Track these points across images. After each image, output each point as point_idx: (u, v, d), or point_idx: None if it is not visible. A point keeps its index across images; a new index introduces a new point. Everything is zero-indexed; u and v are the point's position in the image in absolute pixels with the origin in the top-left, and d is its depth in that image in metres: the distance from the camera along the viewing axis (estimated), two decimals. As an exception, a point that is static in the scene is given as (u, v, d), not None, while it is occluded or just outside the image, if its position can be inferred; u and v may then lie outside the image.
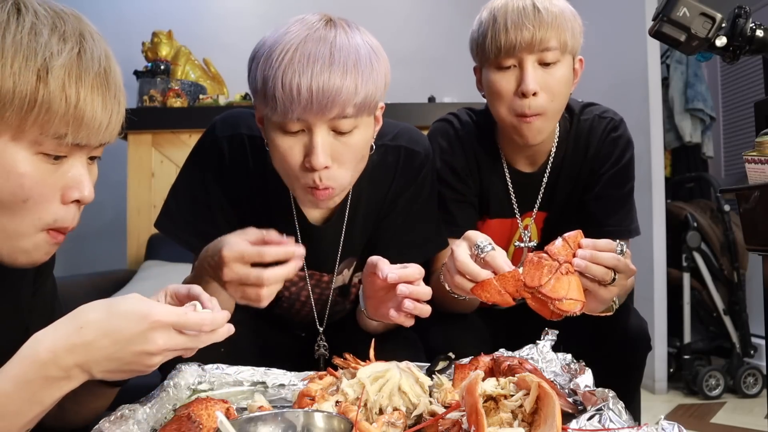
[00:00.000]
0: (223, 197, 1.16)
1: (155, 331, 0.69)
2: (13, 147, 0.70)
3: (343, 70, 0.94)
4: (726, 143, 3.88)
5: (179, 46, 3.07)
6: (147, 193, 2.81)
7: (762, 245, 1.05)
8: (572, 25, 1.20)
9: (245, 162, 1.16)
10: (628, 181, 1.34)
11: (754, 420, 2.53)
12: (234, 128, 1.17)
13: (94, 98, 0.71)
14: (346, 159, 1.01)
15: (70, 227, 0.77)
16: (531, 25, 1.16)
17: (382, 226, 1.24)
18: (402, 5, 3.77)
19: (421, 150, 1.25)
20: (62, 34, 0.70)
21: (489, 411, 0.71)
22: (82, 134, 0.72)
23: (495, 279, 0.91)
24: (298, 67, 0.93)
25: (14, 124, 0.68)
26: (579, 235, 0.95)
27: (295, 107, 0.94)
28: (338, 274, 1.27)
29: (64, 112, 0.69)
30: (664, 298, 2.92)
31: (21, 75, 0.67)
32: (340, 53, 0.95)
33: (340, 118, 0.97)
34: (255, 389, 0.98)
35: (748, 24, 1.00)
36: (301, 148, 1.00)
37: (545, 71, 1.20)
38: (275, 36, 0.99)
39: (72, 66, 0.70)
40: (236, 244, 0.93)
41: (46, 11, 0.71)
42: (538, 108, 1.19)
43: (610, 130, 1.34)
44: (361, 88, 0.96)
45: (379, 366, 0.89)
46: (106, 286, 2.32)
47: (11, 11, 0.69)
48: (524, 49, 1.18)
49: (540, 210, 1.38)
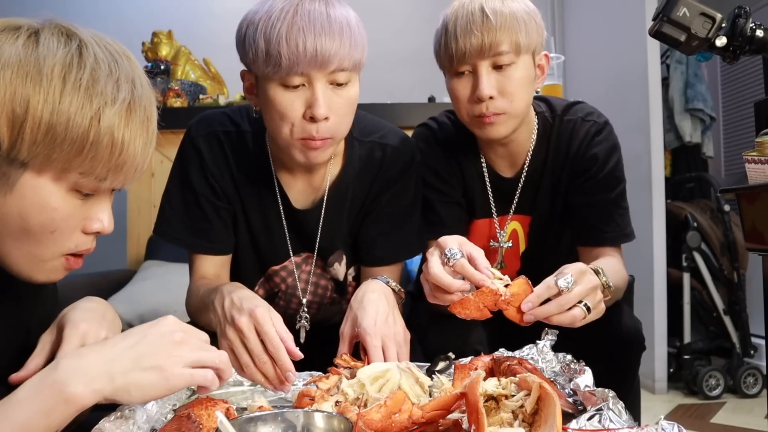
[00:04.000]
0: (209, 191, 1.23)
1: (178, 323, 0.74)
2: (52, 185, 0.72)
3: (339, 31, 1.04)
4: (726, 143, 3.89)
5: (179, 46, 3.07)
6: (147, 193, 2.81)
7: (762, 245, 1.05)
8: (526, 25, 1.19)
9: (224, 156, 1.23)
10: (617, 184, 1.31)
11: (754, 420, 2.53)
12: (208, 126, 1.25)
13: (136, 144, 0.74)
14: (342, 111, 1.10)
15: (89, 251, 0.80)
16: (479, 31, 1.16)
17: (367, 223, 1.29)
18: (402, 5, 3.77)
19: (407, 150, 1.29)
20: (117, 80, 0.72)
21: (489, 411, 0.71)
22: (120, 179, 0.75)
23: (473, 295, 0.92)
24: (301, 25, 1.03)
25: (59, 165, 0.70)
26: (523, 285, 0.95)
27: (300, 62, 1.03)
28: (330, 266, 1.31)
29: (108, 158, 0.72)
30: (664, 298, 2.92)
31: (75, 119, 0.69)
32: (335, 17, 1.05)
33: (339, 71, 1.06)
34: (255, 389, 0.98)
35: (748, 24, 1.00)
36: (302, 102, 1.07)
37: (500, 74, 1.19)
38: (266, 6, 1.06)
39: (122, 113, 0.72)
40: (267, 320, 0.92)
41: (104, 54, 0.73)
42: (497, 110, 1.20)
43: (594, 133, 1.31)
44: (354, 44, 1.06)
45: (379, 366, 0.89)
46: (106, 286, 2.32)
47: (75, 53, 0.70)
48: (475, 55, 1.18)
49: (522, 213, 1.37)
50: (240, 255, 1.29)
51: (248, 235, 1.28)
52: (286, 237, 1.27)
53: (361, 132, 1.27)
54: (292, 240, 1.28)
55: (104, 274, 2.47)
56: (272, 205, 1.25)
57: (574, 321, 0.94)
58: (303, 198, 1.27)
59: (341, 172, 1.26)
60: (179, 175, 1.25)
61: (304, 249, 1.30)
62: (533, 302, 0.92)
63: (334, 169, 1.26)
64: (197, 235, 1.23)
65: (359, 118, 1.29)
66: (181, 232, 1.23)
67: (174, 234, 1.24)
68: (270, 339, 0.90)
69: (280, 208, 1.25)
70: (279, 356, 0.90)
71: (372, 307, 1.04)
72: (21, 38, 0.70)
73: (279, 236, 1.27)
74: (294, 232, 1.27)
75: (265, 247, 1.28)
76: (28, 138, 0.68)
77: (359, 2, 1.26)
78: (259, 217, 1.26)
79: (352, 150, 1.26)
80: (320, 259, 1.30)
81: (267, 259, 1.30)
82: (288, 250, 1.28)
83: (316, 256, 1.29)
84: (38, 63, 0.69)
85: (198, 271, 1.24)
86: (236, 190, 1.25)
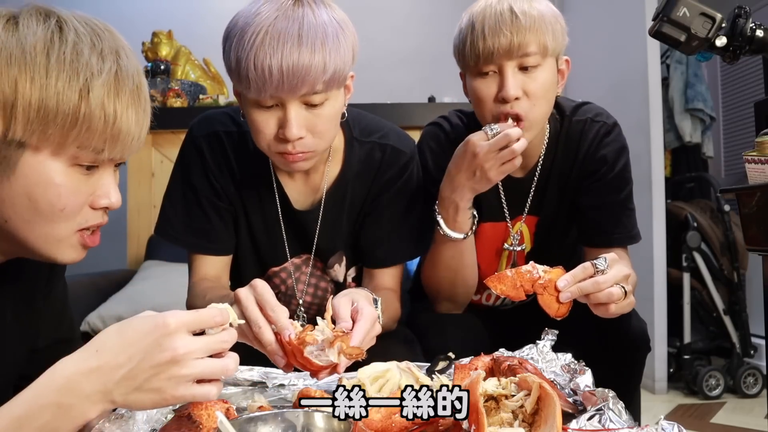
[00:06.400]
0: (211, 191, 1.23)
1: (170, 336, 0.65)
2: (52, 161, 0.72)
3: (311, 49, 1.00)
4: (726, 143, 3.88)
5: (179, 46, 3.07)
6: (147, 193, 2.81)
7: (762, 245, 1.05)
8: (553, 28, 1.19)
9: (226, 155, 1.23)
10: (625, 185, 1.32)
11: (754, 420, 2.53)
12: (210, 126, 1.24)
13: (129, 114, 0.74)
14: (319, 129, 1.08)
15: (101, 224, 0.80)
16: (508, 31, 1.15)
17: (367, 224, 1.28)
18: (402, 5, 3.78)
19: (407, 150, 1.29)
20: (100, 52, 0.73)
21: (489, 411, 0.71)
22: (117, 149, 0.75)
23: (511, 272, 0.95)
24: (269, 50, 0.99)
25: (55, 140, 0.71)
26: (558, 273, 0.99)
27: (267, 86, 1.01)
28: (330, 267, 1.30)
29: (103, 129, 0.72)
30: (664, 298, 2.92)
31: (64, 94, 0.69)
32: (308, 32, 1.00)
33: (311, 94, 1.03)
34: (255, 389, 0.98)
35: (748, 24, 1.00)
36: (275, 121, 1.06)
37: (526, 76, 1.19)
38: (247, 16, 1.04)
39: (110, 84, 0.72)
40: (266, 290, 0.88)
41: (85, 28, 0.73)
42: (521, 110, 1.19)
43: (603, 134, 1.31)
44: (329, 64, 1.01)
45: (379, 366, 0.89)
46: (107, 286, 2.33)
47: (54, 30, 0.71)
48: (503, 55, 1.17)
49: (530, 214, 1.37)
50: (240, 256, 1.29)
51: (248, 235, 1.28)
52: (284, 238, 1.27)
53: (361, 132, 1.27)
54: (291, 241, 1.28)
55: (104, 274, 2.47)
56: (272, 205, 1.25)
57: (611, 298, 0.96)
58: (302, 198, 1.27)
59: (340, 173, 1.26)
60: (180, 175, 1.25)
61: (303, 250, 1.29)
62: (569, 281, 0.95)
63: (333, 169, 1.26)
64: (198, 236, 1.23)
65: (359, 118, 1.29)
66: (182, 232, 1.23)
67: (175, 234, 1.24)
68: (266, 303, 0.86)
69: (278, 209, 1.25)
70: (278, 318, 0.86)
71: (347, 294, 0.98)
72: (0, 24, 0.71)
73: (278, 237, 1.27)
74: (293, 233, 1.27)
75: (265, 247, 1.28)
76: (21, 118, 0.69)
77: (359, 2, 1.26)
78: (259, 218, 1.26)
79: (351, 150, 1.26)
80: (319, 260, 1.30)
81: (267, 260, 1.30)
82: (286, 251, 1.28)
83: (314, 258, 1.29)
84: (20, 43, 0.69)
85: (198, 271, 1.24)
86: (237, 190, 1.25)
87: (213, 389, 0.69)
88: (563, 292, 0.95)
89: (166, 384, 0.66)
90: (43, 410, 0.63)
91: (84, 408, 0.64)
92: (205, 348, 0.68)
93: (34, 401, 0.63)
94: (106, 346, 0.66)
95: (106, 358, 0.65)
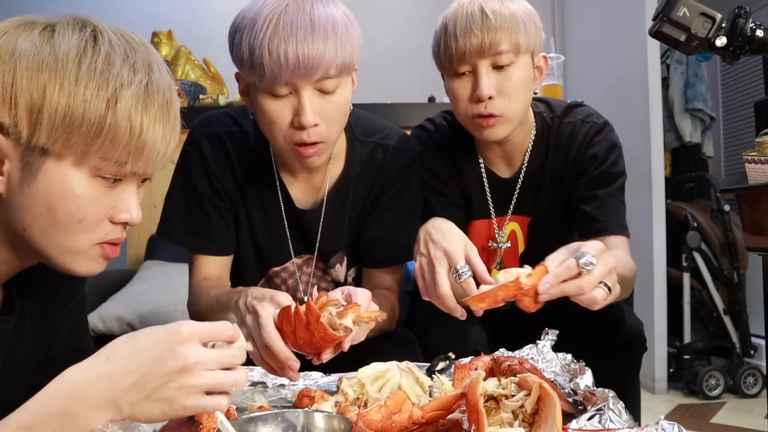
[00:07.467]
0: (212, 192, 1.23)
1: (183, 344, 0.65)
2: (74, 171, 0.71)
3: (324, 36, 1.02)
4: (726, 143, 3.88)
5: (179, 46, 3.07)
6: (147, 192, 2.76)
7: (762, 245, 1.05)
8: (525, 26, 1.20)
9: (227, 155, 1.23)
10: (616, 178, 1.31)
11: (754, 420, 2.53)
12: (211, 127, 1.24)
13: (156, 128, 0.73)
14: (332, 116, 1.09)
15: (120, 240, 0.80)
16: (479, 30, 1.17)
17: (368, 224, 1.29)
18: (402, 5, 3.77)
19: (409, 151, 1.29)
20: (133, 64, 0.72)
21: (490, 411, 0.71)
22: (141, 163, 0.74)
23: (495, 289, 0.88)
24: (283, 35, 1.00)
25: (79, 149, 0.70)
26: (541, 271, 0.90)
27: (283, 72, 1.02)
28: (331, 267, 1.30)
29: (128, 141, 0.71)
30: (664, 298, 2.92)
31: (91, 102, 0.69)
32: (319, 21, 1.02)
33: (325, 79, 1.04)
34: (255, 389, 0.98)
35: (748, 24, 1.00)
36: (290, 110, 1.07)
37: (500, 74, 1.20)
38: (255, 8, 1.05)
39: (139, 96, 0.71)
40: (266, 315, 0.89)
41: (119, 40, 0.73)
42: (495, 110, 1.20)
43: (593, 134, 1.32)
44: (340, 51, 1.03)
45: (379, 366, 0.89)
46: (106, 286, 2.32)
47: (89, 39, 0.71)
48: (475, 54, 1.19)
49: (522, 214, 1.37)
50: (241, 256, 1.29)
51: (250, 235, 1.28)
52: (287, 237, 1.27)
53: (363, 132, 1.28)
54: (294, 240, 1.28)
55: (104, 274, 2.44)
56: (275, 204, 1.25)
57: (593, 303, 0.88)
58: (305, 198, 1.27)
59: (342, 173, 1.26)
60: (182, 176, 1.25)
61: (305, 250, 1.29)
62: (551, 283, 0.87)
63: (335, 169, 1.26)
64: (199, 236, 1.23)
65: (361, 118, 1.29)
66: (183, 232, 1.24)
67: (176, 234, 1.24)
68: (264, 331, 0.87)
69: (281, 208, 1.25)
70: (275, 347, 0.86)
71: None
72: (36, 30, 0.71)
73: (280, 237, 1.27)
74: (295, 233, 1.27)
75: (267, 247, 1.28)
76: (47, 124, 0.68)
77: (360, 2, 1.26)
78: (261, 217, 1.26)
79: (353, 150, 1.26)
80: (321, 260, 1.30)
81: (268, 260, 1.30)
82: (289, 250, 1.28)
83: (316, 258, 1.29)
84: (53, 50, 0.69)
85: (199, 272, 1.24)
86: (239, 191, 1.25)
87: (223, 400, 0.68)
88: (542, 295, 0.87)
89: (176, 393, 0.64)
90: (50, 419, 0.62)
91: (89, 417, 0.63)
92: (217, 360, 0.67)
93: (41, 409, 0.63)
94: (117, 353, 0.65)
95: (116, 365, 0.64)
